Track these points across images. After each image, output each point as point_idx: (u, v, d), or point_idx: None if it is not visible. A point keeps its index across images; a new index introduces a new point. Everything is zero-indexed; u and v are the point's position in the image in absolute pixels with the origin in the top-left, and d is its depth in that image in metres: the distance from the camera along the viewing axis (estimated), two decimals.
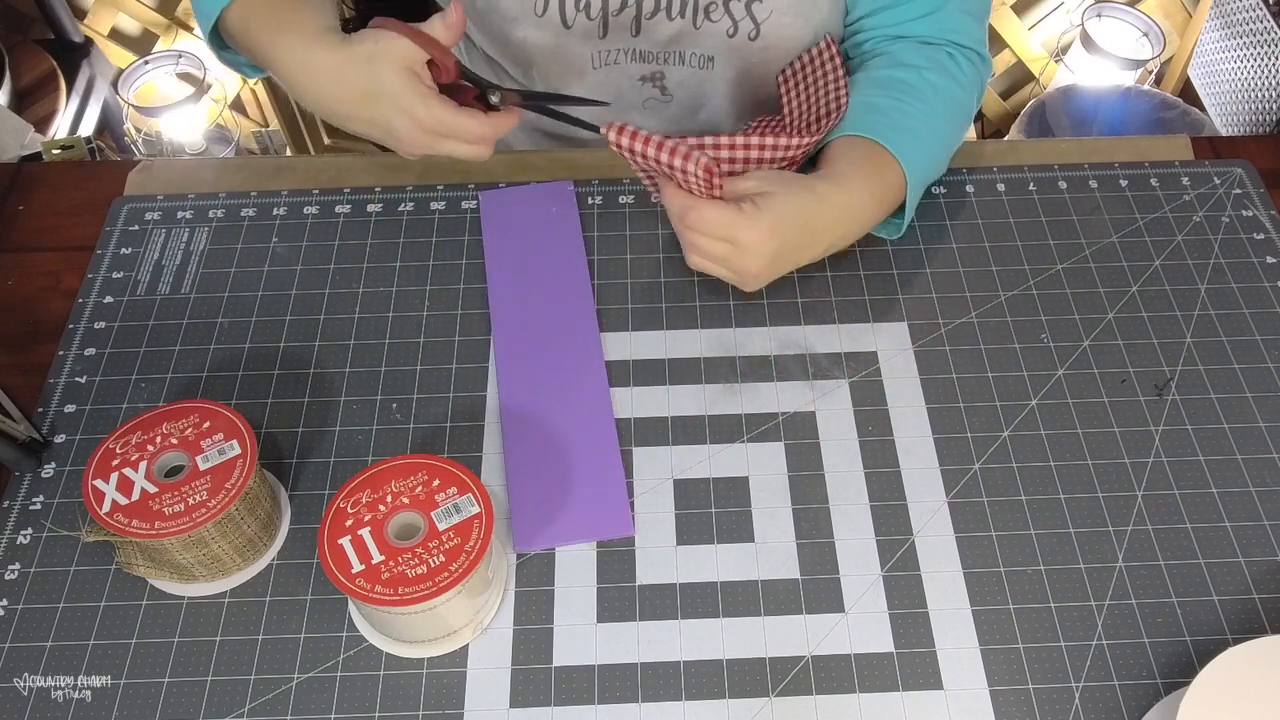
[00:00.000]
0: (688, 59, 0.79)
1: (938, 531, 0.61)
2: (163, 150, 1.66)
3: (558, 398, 0.67)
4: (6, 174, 0.81)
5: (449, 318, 0.71)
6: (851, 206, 0.66)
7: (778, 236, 0.62)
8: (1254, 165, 0.79)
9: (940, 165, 0.73)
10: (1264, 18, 1.41)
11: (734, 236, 0.62)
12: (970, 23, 0.75)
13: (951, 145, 0.74)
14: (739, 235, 0.62)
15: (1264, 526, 0.61)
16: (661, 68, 0.80)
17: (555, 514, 0.62)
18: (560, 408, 0.66)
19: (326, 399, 0.67)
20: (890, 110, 0.70)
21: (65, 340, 0.70)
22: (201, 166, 0.82)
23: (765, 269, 0.64)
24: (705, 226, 0.62)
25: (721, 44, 0.77)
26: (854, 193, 0.66)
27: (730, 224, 0.61)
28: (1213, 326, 0.70)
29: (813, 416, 0.66)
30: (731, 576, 0.59)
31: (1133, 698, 0.55)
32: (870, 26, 0.76)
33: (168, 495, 0.55)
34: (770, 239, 0.62)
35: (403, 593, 0.52)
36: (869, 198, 0.67)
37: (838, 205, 0.65)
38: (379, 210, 0.77)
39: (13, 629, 0.58)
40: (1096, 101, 1.57)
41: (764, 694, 0.55)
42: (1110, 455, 0.64)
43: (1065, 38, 1.69)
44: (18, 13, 1.69)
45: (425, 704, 0.55)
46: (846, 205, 0.65)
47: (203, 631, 0.58)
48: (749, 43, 0.76)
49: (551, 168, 0.80)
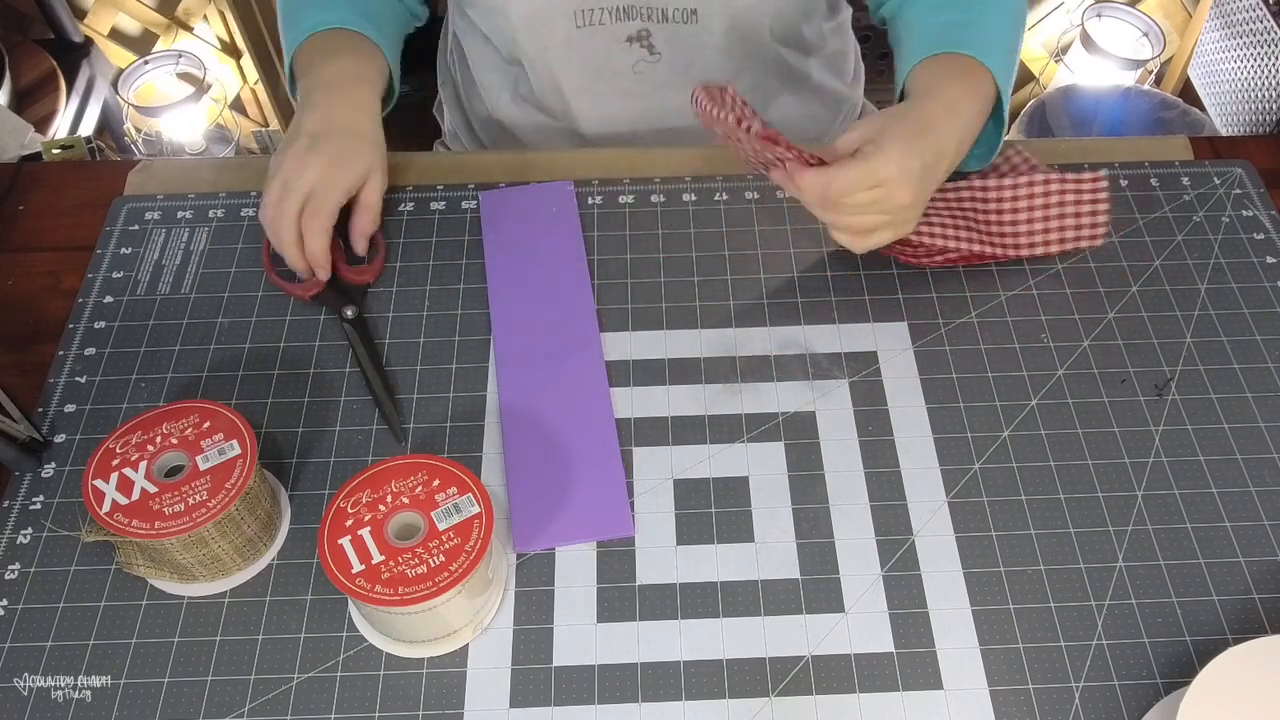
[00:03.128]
0: (670, 14, 0.78)
1: (938, 531, 0.61)
2: (163, 150, 1.66)
3: (558, 398, 0.67)
4: (6, 174, 0.81)
5: (449, 318, 0.71)
6: (957, 108, 0.66)
7: (914, 158, 0.62)
8: (1254, 165, 0.79)
9: (1015, 66, 0.73)
10: (1264, 18, 1.41)
11: (877, 178, 0.61)
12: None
13: (1019, 45, 0.74)
14: (881, 173, 0.61)
15: (1264, 526, 0.61)
16: (646, 25, 0.79)
17: (555, 514, 0.62)
18: (560, 408, 0.66)
19: (326, 399, 0.67)
20: (965, 24, 0.70)
21: (65, 340, 0.70)
22: (201, 166, 0.82)
23: (917, 193, 0.63)
24: (851, 185, 0.62)
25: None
26: (954, 96, 0.66)
27: (869, 170, 0.61)
28: (1213, 326, 0.70)
29: (813, 416, 0.66)
30: (731, 576, 0.59)
31: (1133, 698, 0.55)
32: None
33: (168, 495, 0.55)
34: (909, 159, 0.62)
35: (403, 593, 0.52)
36: (968, 97, 0.67)
37: (945, 110, 0.65)
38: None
39: (13, 629, 0.58)
40: (1096, 101, 1.56)
41: (764, 694, 0.55)
42: (1110, 455, 0.64)
43: (1065, 38, 1.69)
44: (18, 13, 1.69)
45: (425, 704, 0.55)
46: (952, 108, 0.66)
47: (203, 631, 0.58)
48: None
49: (551, 168, 0.80)
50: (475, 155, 0.90)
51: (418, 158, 0.82)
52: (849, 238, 0.65)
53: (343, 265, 0.72)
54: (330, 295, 0.71)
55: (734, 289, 0.72)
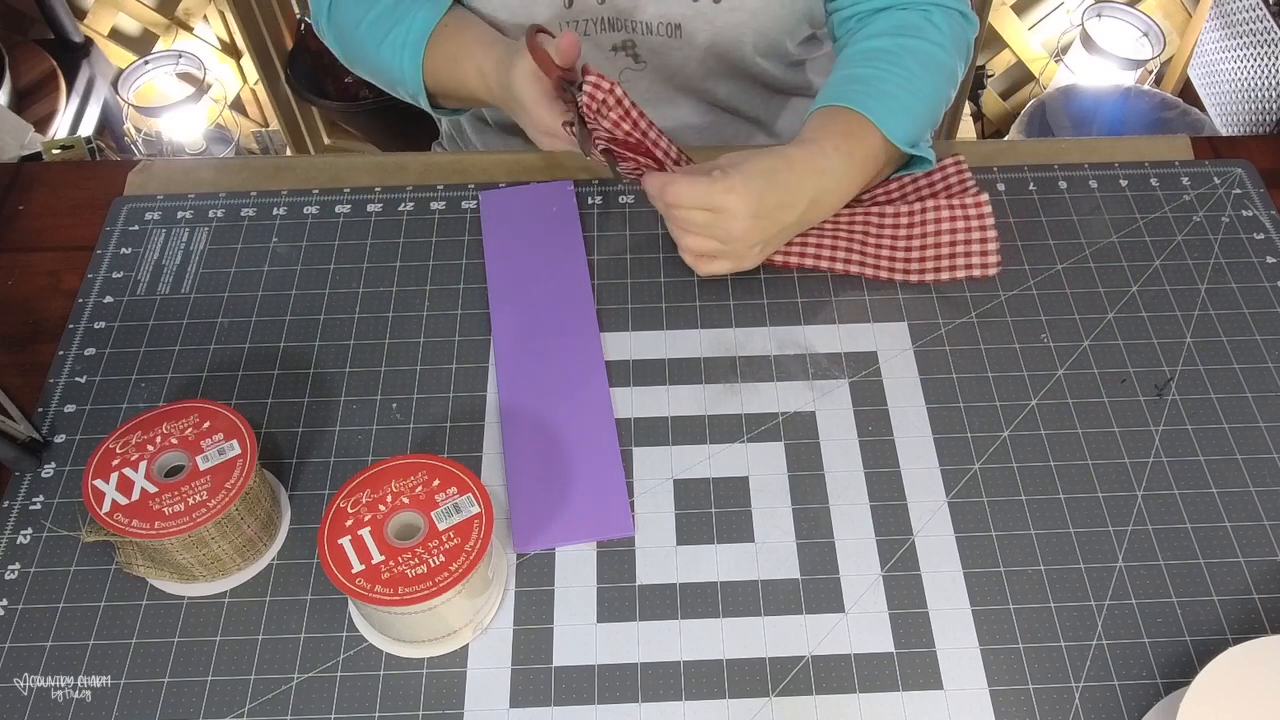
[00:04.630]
0: (654, 28, 0.78)
1: (938, 531, 0.61)
2: (163, 150, 1.66)
3: (558, 398, 0.67)
4: (6, 174, 0.81)
5: (449, 318, 0.71)
6: (823, 163, 0.68)
7: (753, 194, 0.64)
8: (1254, 165, 0.79)
9: (927, 120, 0.74)
10: (1264, 18, 1.41)
11: (710, 202, 0.64)
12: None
13: (935, 101, 0.75)
14: (715, 199, 0.64)
15: (1264, 526, 0.61)
16: (631, 36, 0.80)
17: (555, 514, 0.62)
18: (560, 408, 0.66)
19: (326, 399, 0.67)
20: (868, 79, 0.72)
21: (65, 340, 0.70)
22: (201, 166, 0.82)
23: (750, 229, 0.65)
24: (682, 198, 0.64)
25: (685, 8, 0.76)
26: (826, 151, 0.68)
27: (705, 190, 0.64)
28: (1213, 326, 0.70)
29: (813, 416, 0.66)
30: (731, 576, 0.59)
31: (1133, 698, 0.55)
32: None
33: (168, 495, 0.55)
34: (746, 197, 0.64)
35: (403, 593, 0.52)
36: (842, 155, 0.68)
37: (807, 162, 0.67)
38: (379, 210, 0.77)
39: (13, 629, 0.58)
40: (1096, 101, 1.56)
41: (764, 694, 0.55)
42: (1110, 455, 0.64)
43: (1065, 38, 1.69)
44: (18, 13, 1.69)
45: (425, 704, 0.55)
46: (817, 162, 0.67)
47: (203, 631, 0.58)
48: (713, 5, 0.76)
49: (551, 168, 0.80)
50: (475, 155, 0.90)
51: (418, 158, 0.82)
52: (690, 258, 0.68)
53: None
54: None
55: (734, 289, 0.72)
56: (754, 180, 0.64)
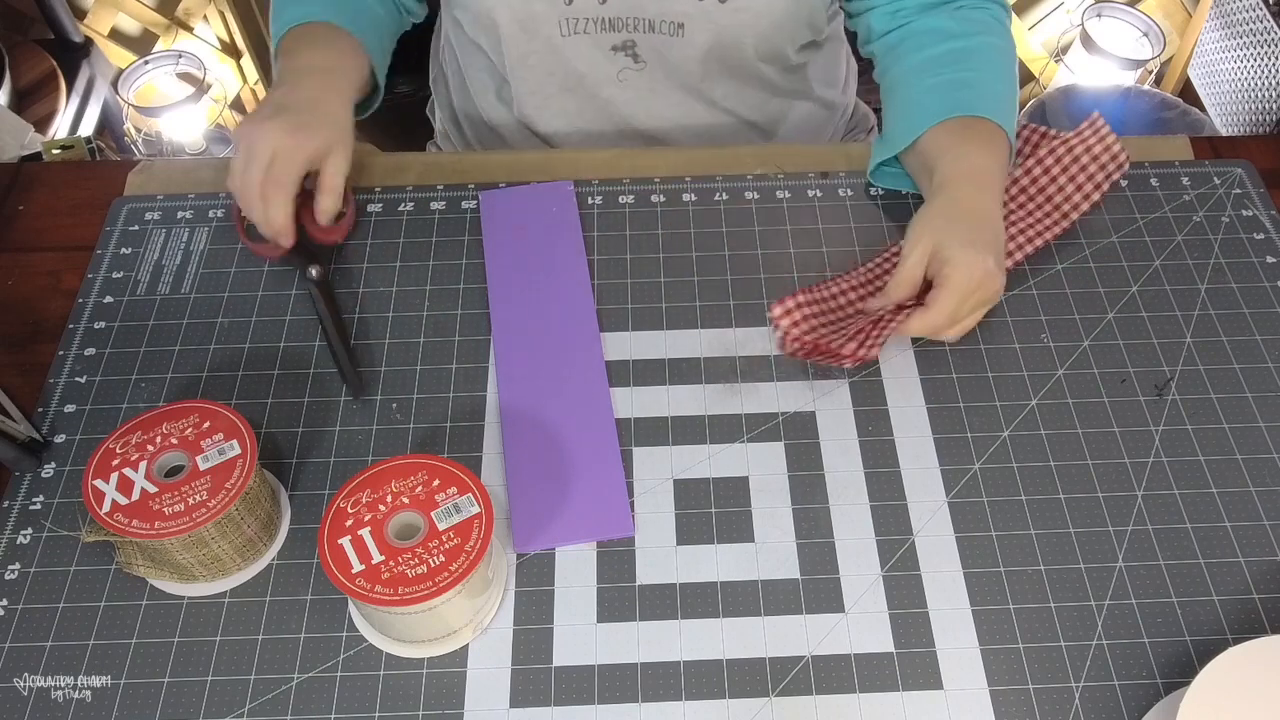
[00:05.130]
0: (657, 26, 0.78)
1: (938, 531, 0.61)
2: (163, 150, 1.66)
3: (558, 398, 0.67)
4: (6, 174, 0.81)
5: (449, 318, 0.71)
6: (986, 179, 0.69)
7: (982, 251, 0.64)
8: (1254, 165, 0.79)
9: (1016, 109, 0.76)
10: (1264, 18, 1.41)
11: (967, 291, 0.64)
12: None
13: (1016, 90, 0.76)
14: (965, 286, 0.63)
15: (1264, 526, 0.61)
16: (632, 35, 0.79)
17: (555, 514, 0.62)
18: (560, 408, 0.66)
19: (326, 399, 0.67)
20: (969, 83, 0.73)
21: (65, 340, 0.70)
22: (201, 166, 0.82)
23: (996, 271, 0.65)
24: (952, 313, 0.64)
25: (690, 7, 0.76)
26: (981, 167, 0.69)
27: (955, 291, 0.63)
28: (1213, 326, 0.70)
29: (813, 416, 0.66)
30: (731, 576, 0.59)
31: (1133, 698, 0.55)
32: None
33: (168, 495, 0.55)
34: (983, 258, 0.64)
35: (403, 593, 0.52)
36: (990, 161, 0.69)
37: (977, 188, 0.68)
38: (379, 210, 0.77)
39: (13, 629, 0.58)
40: (1096, 101, 1.56)
41: (764, 694, 0.55)
42: (1110, 455, 0.64)
43: (1065, 38, 1.69)
44: (18, 13, 1.69)
45: (425, 704, 0.55)
46: (983, 181, 0.68)
47: (203, 631, 0.58)
48: (719, 5, 0.76)
49: (551, 168, 0.80)
50: (475, 155, 0.90)
51: (418, 158, 0.82)
52: (955, 333, 0.67)
53: (311, 226, 0.71)
54: (297, 256, 0.70)
55: (734, 289, 0.72)
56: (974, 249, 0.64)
